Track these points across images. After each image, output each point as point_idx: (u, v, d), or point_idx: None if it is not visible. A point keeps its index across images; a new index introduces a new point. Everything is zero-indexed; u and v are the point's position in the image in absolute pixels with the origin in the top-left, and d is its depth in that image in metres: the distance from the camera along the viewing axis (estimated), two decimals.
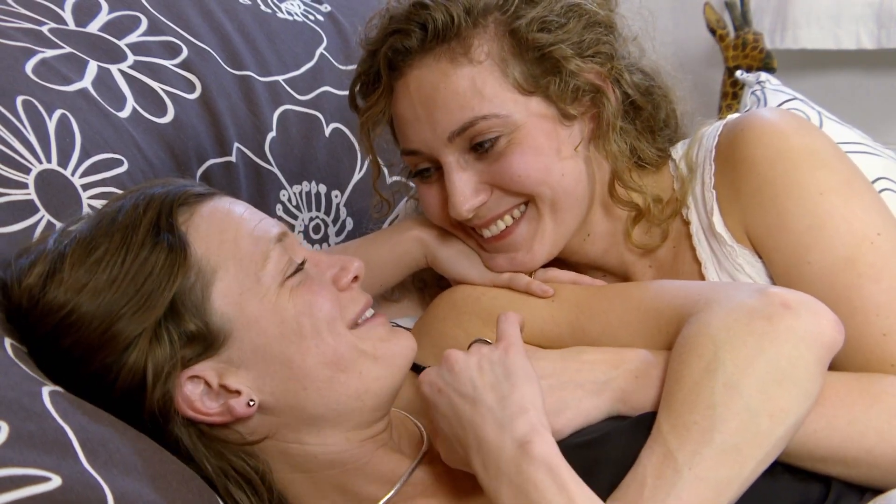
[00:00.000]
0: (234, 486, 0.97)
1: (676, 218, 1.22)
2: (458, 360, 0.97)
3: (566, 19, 1.14)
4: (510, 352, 0.96)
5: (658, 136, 1.25)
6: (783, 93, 1.64)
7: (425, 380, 0.99)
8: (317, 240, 1.61)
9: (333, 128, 1.66)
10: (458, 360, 0.97)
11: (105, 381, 0.94)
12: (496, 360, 0.95)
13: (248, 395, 0.97)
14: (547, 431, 0.89)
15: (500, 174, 1.14)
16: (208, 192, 1.03)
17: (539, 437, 0.88)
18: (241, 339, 0.97)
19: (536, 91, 1.14)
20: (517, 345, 0.97)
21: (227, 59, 1.55)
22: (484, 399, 0.92)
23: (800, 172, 1.09)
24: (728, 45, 2.41)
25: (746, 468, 0.88)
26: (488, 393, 0.92)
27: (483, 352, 0.97)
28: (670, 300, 1.05)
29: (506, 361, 0.95)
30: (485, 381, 0.94)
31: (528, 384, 0.93)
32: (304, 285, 1.00)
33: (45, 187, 1.13)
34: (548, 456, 0.87)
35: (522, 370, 0.94)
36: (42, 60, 1.27)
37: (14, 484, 0.77)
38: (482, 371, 0.95)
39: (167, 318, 0.94)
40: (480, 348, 0.98)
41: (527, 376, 0.93)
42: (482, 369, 0.95)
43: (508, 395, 0.91)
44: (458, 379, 0.95)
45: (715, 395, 0.89)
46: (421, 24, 1.13)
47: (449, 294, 1.25)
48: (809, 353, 0.92)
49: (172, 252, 0.95)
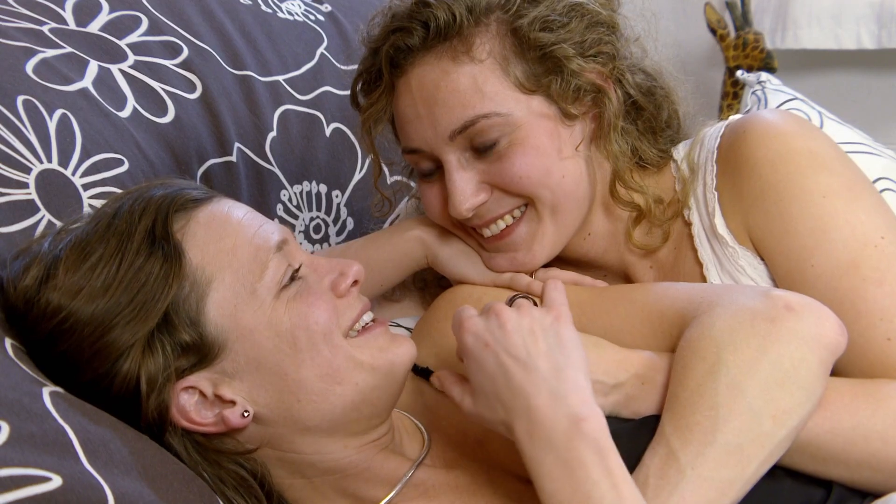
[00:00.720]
0: (232, 492, 0.96)
1: (678, 219, 1.22)
2: (511, 319, 0.93)
3: (568, 19, 1.14)
4: (561, 321, 0.93)
5: (660, 136, 1.24)
6: (784, 93, 1.64)
7: (470, 329, 0.94)
8: (317, 240, 1.61)
9: (334, 128, 1.66)
10: (510, 318, 0.93)
11: (100, 387, 0.94)
12: (549, 328, 0.92)
13: (243, 405, 0.96)
14: (600, 412, 0.87)
15: (501, 174, 1.14)
16: (206, 196, 1.02)
17: (594, 416, 0.86)
18: (235, 350, 0.96)
19: (538, 90, 1.13)
20: (567, 315, 0.94)
21: (228, 59, 1.55)
22: (539, 367, 0.89)
23: (802, 175, 1.09)
24: (729, 45, 2.41)
25: (749, 469, 0.88)
26: (543, 360, 0.90)
27: (535, 315, 0.93)
28: (673, 302, 1.05)
29: (560, 331, 0.92)
30: (539, 347, 0.90)
31: (582, 360, 0.90)
32: (301, 296, 0.98)
33: (46, 187, 1.12)
34: (600, 437, 0.85)
35: (575, 343, 0.92)
36: (43, 60, 1.26)
37: (15, 484, 0.77)
38: (535, 336, 0.91)
39: (161, 329, 0.93)
40: (531, 310, 0.94)
41: (578, 351, 0.91)
42: (535, 334, 0.91)
43: (564, 368, 0.89)
44: (510, 339, 0.91)
45: (718, 396, 0.89)
46: (423, 22, 1.13)
47: (450, 294, 1.25)
48: (812, 355, 0.92)
49: (167, 262, 0.94)
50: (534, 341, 0.91)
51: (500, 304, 0.95)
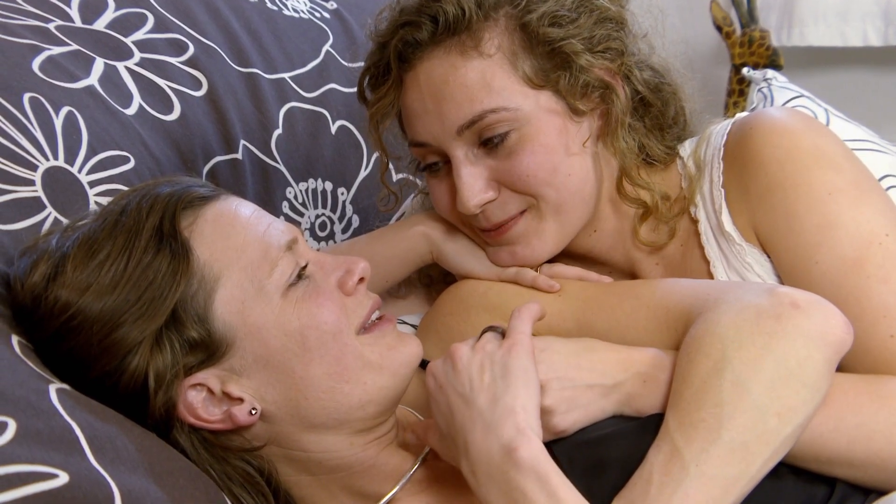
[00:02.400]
0: (238, 489, 0.97)
1: (684, 216, 1.22)
2: (462, 357, 0.95)
3: (577, 14, 1.14)
4: (513, 351, 0.94)
5: (667, 133, 1.25)
6: (790, 90, 1.64)
7: (431, 372, 0.98)
8: (323, 237, 1.61)
9: (340, 125, 1.66)
10: (461, 356, 0.96)
11: (107, 384, 0.94)
12: (497, 360, 0.94)
13: (251, 403, 0.96)
14: (535, 435, 0.87)
15: (510, 171, 1.14)
16: (213, 194, 1.02)
17: (525, 442, 0.86)
18: (243, 347, 0.96)
19: (546, 85, 1.13)
20: (522, 344, 0.96)
21: (234, 57, 1.55)
22: (476, 401, 0.91)
23: (808, 173, 1.09)
24: (735, 42, 2.41)
25: (753, 466, 0.87)
26: (482, 394, 0.91)
27: (487, 349, 0.96)
28: (679, 299, 1.05)
29: (507, 361, 0.93)
30: (482, 381, 0.92)
31: (525, 386, 0.91)
32: (310, 296, 0.98)
33: (52, 184, 1.13)
34: (535, 461, 0.85)
35: (522, 370, 0.92)
36: (49, 58, 1.27)
37: (21, 481, 0.77)
38: (482, 370, 0.93)
39: (169, 326, 0.93)
40: (486, 345, 0.96)
41: (525, 377, 0.92)
42: (482, 368, 0.94)
43: (500, 398, 0.90)
44: (458, 377, 0.94)
45: (722, 393, 0.89)
46: (432, 16, 1.13)
47: (455, 289, 1.25)
48: (818, 352, 0.92)
49: (175, 259, 0.94)
50: (479, 376, 0.92)
51: (458, 345, 0.97)
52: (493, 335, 0.98)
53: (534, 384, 0.92)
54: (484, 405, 0.89)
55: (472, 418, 0.90)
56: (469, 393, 0.91)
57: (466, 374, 0.93)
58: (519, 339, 0.96)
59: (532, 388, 0.91)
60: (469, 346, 0.96)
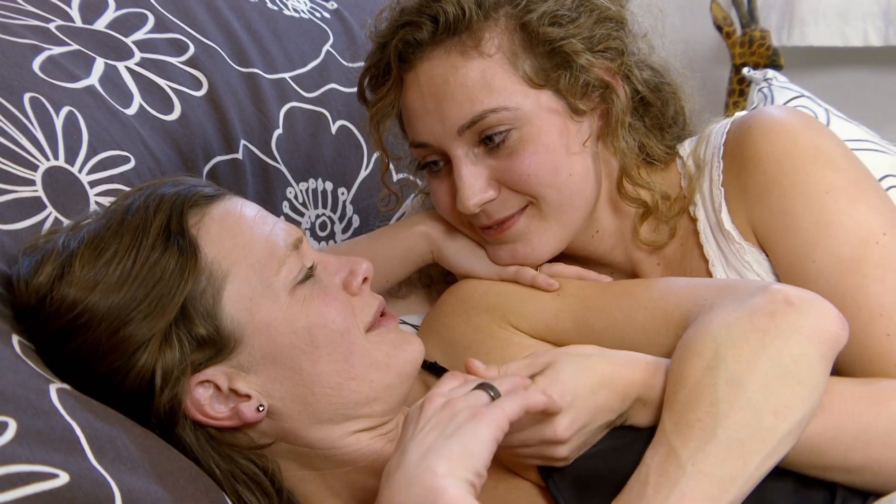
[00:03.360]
0: (242, 487, 0.97)
1: (684, 215, 1.22)
2: (428, 409, 0.86)
3: (577, 14, 1.14)
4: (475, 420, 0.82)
5: (666, 132, 1.25)
6: (790, 90, 1.64)
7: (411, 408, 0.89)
8: (323, 237, 1.61)
9: (340, 125, 1.66)
10: (431, 406, 0.86)
11: (112, 382, 0.94)
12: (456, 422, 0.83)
13: (258, 399, 0.97)
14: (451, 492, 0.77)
15: (511, 171, 1.14)
16: (218, 193, 1.03)
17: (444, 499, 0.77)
18: (251, 344, 0.96)
19: (546, 85, 1.14)
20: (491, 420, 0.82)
21: (234, 57, 1.55)
22: (409, 452, 0.82)
23: (807, 171, 1.09)
24: (735, 42, 2.41)
25: (750, 465, 0.87)
26: (417, 448, 0.82)
27: (458, 407, 0.85)
28: (678, 301, 1.05)
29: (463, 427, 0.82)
30: (427, 437, 0.83)
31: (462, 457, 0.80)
32: (317, 295, 0.99)
33: (53, 184, 1.13)
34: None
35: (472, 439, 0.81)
36: (49, 57, 1.27)
37: (22, 481, 0.77)
38: (437, 426, 0.83)
39: (178, 323, 0.94)
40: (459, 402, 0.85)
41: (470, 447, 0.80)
42: (438, 424, 0.84)
43: (430, 457, 0.80)
44: (416, 424, 0.85)
45: (717, 392, 0.89)
46: (432, 16, 1.13)
47: (456, 289, 1.25)
48: (813, 349, 0.92)
49: (183, 256, 0.95)
50: (429, 431, 0.83)
51: (436, 392, 0.88)
52: (482, 394, 0.87)
53: (477, 457, 0.80)
54: (413, 459, 0.81)
55: (400, 466, 0.81)
56: (409, 442, 0.83)
57: (423, 422, 0.84)
58: (492, 415, 0.83)
59: (473, 460, 0.80)
60: (444, 399, 0.87)
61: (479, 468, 0.80)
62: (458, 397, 0.86)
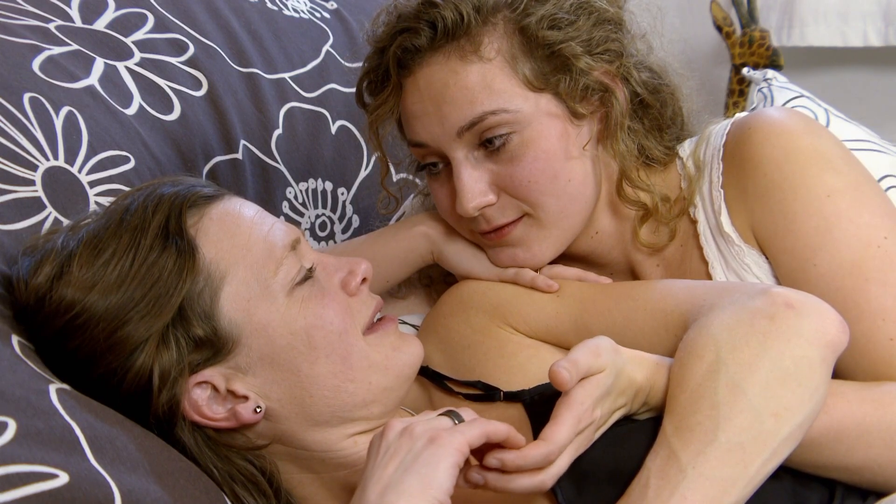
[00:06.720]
0: (240, 488, 0.97)
1: (684, 217, 1.21)
2: (389, 436, 0.85)
3: (575, 17, 1.14)
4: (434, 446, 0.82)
5: (665, 134, 1.24)
6: (790, 90, 1.64)
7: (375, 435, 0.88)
8: (323, 237, 1.61)
9: (340, 125, 1.66)
10: (391, 435, 0.85)
11: (110, 383, 0.94)
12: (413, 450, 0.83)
13: (256, 401, 0.97)
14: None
15: (511, 176, 1.14)
16: (217, 194, 1.03)
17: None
18: (249, 345, 0.96)
19: (546, 88, 1.13)
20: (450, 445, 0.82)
21: (234, 57, 1.55)
22: (369, 487, 0.81)
23: (807, 174, 1.09)
24: (735, 42, 2.41)
25: (751, 467, 0.87)
26: (378, 483, 0.82)
27: (415, 433, 0.84)
28: (677, 302, 1.05)
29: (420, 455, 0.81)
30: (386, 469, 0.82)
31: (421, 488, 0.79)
32: (315, 296, 0.99)
33: (53, 184, 1.13)
34: None
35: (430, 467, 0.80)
36: (49, 58, 1.27)
37: (21, 481, 0.78)
38: (395, 455, 0.83)
39: (175, 323, 0.94)
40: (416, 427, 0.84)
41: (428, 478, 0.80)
42: (396, 454, 0.83)
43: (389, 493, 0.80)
44: (378, 452, 0.85)
45: (718, 395, 0.89)
46: (430, 22, 1.13)
47: (456, 290, 1.25)
48: (814, 352, 0.92)
49: (181, 256, 0.95)
50: (387, 462, 0.83)
51: (395, 420, 0.87)
52: (445, 420, 0.86)
53: (437, 487, 0.79)
54: (372, 498, 0.80)
55: (362, 500, 0.81)
56: (369, 477, 0.82)
57: (383, 452, 0.84)
58: (451, 438, 0.82)
59: (433, 491, 0.79)
60: (403, 425, 0.85)
61: (441, 497, 0.79)
62: (417, 422, 0.85)
